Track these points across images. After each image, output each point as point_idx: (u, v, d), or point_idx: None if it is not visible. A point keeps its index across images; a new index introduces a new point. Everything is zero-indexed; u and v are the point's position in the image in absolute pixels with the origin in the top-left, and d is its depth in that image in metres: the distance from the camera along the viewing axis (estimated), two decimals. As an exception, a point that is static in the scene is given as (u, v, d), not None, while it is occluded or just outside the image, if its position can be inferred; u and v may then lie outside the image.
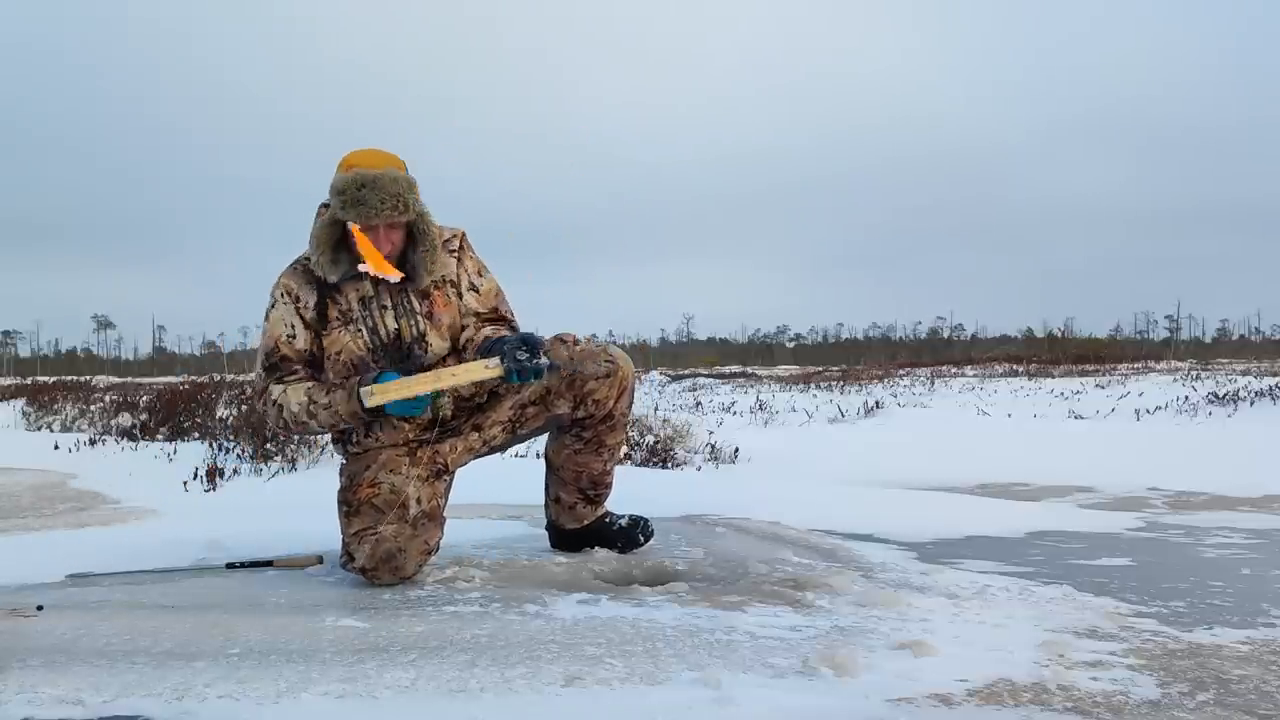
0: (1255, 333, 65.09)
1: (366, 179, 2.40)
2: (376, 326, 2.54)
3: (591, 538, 2.84)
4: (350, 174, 2.42)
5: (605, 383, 2.66)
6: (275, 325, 2.56)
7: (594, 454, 2.75)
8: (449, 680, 1.70)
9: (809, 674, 1.75)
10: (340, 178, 2.43)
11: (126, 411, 8.68)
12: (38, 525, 3.67)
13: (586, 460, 2.76)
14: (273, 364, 2.56)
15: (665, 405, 13.32)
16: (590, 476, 2.79)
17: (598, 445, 2.74)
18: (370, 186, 2.39)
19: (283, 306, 2.56)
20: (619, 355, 2.71)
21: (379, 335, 2.53)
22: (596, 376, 2.65)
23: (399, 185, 2.42)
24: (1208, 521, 3.94)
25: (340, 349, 2.54)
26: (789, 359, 60.79)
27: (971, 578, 2.60)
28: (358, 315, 2.54)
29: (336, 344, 2.54)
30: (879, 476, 5.83)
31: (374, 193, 2.39)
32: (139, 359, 70.29)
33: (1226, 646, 1.95)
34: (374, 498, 2.45)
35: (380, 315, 2.54)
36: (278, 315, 2.56)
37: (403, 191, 2.42)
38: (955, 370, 20.95)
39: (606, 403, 2.67)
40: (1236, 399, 10.11)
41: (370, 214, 2.41)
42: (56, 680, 1.68)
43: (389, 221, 2.44)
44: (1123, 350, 31.39)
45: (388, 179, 2.41)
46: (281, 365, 2.55)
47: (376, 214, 2.41)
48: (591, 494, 2.82)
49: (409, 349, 2.55)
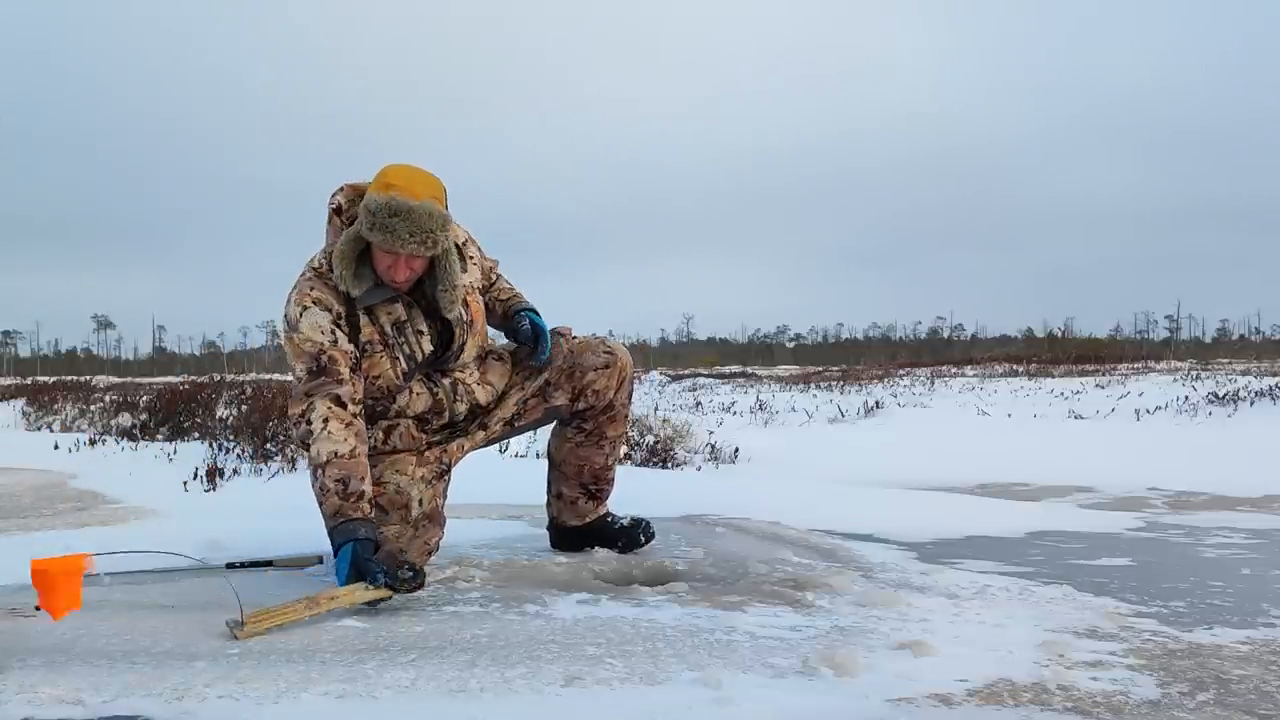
0: (1255, 333, 65.08)
1: (401, 209, 2.28)
2: (413, 352, 2.51)
3: (592, 536, 2.84)
4: (386, 197, 2.30)
5: (604, 373, 2.70)
6: (313, 331, 2.39)
7: (595, 447, 2.77)
8: (449, 680, 1.70)
9: (809, 674, 1.75)
10: (374, 199, 2.31)
11: (126, 411, 8.67)
12: (38, 525, 3.67)
13: (588, 453, 2.78)
14: (321, 366, 2.37)
15: (665, 405, 13.31)
16: (592, 471, 2.80)
17: (599, 438, 2.76)
18: (403, 217, 2.29)
19: (318, 313, 2.40)
20: (617, 346, 2.76)
21: (414, 360, 2.52)
22: (595, 368, 2.69)
23: (433, 221, 2.32)
24: (1208, 521, 3.94)
25: (379, 374, 2.48)
26: (789, 359, 60.79)
27: (971, 578, 2.60)
28: (393, 340, 2.48)
29: (375, 368, 2.48)
30: (879, 476, 5.82)
31: (406, 224, 2.29)
32: (139, 359, 70.31)
33: (1226, 646, 1.95)
34: (379, 497, 2.45)
35: (416, 340, 2.50)
36: (312, 322, 2.40)
37: (435, 229, 2.33)
38: (955, 370, 20.93)
39: (606, 393, 2.71)
40: (1236, 399, 10.10)
41: (397, 244, 2.31)
42: (56, 680, 1.68)
43: (418, 255, 2.36)
44: (1123, 350, 31.37)
45: (423, 213, 2.30)
46: (330, 367, 2.37)
47: (403, 245, 2.31)
48: (593, 489, 2.83)
49: (448, 358, 2.57)
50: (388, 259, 2.37)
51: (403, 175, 2.36)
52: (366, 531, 2.25)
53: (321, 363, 2.37)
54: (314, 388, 2.36)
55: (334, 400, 2.35)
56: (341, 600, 2.12)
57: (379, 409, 2.55)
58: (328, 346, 2.38)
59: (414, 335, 2.51)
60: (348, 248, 2.38)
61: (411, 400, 2.55)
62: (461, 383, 2.61)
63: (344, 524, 2.25)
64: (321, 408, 2.33)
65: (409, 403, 2.55)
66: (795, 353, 70.69)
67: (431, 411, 2.59)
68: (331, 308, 2.42)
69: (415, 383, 2.55)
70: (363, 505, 2.28)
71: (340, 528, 2.25)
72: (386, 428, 2.56)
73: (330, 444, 2.30)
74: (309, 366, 2.37)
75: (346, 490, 2.27)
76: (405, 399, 2.55)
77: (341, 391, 2.36)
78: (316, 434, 2.31)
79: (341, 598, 2.12)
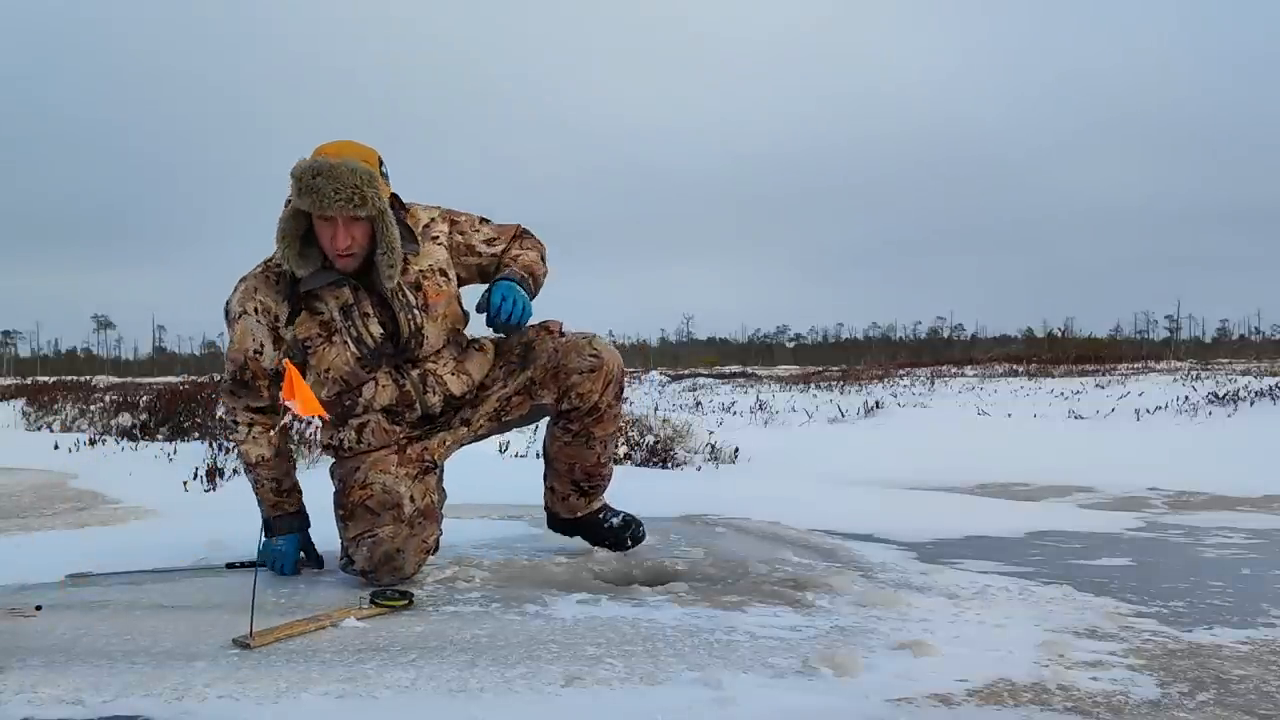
0: (1255, 333, 64.97)
1: (323, 168, 2.27)
2: (361, 336, 2.45)
3: (583, 530, 2.83)
4: (309, 161, 2.30)
5: (589, 377, 2.62)
6: (243, 338, 2.47)
7: (584, 446, 2.72)
8: (449, 680, 1.70)
9: (809, 674, 1.75)
10: (299, 165, 2.31)
11: (126, 411, 8.67)
12: (38, 525, 3.67)
13: (578, 452, 2.74)
14: (242, 381, 2.50)
15: (665, 405, 13.31)
16: (583, 469, 2.76)
17: (587, 438, 2.71)
18: (326, 175, 2.26)
19: (251, 320, 2.46)
20: (604, 349, 2.66)
21: (365, 344, 2.46)
22: (580, 370, 2.62)
23: (357, 177, 2.27)
24: (1208, 521, 3.94)
25: (329, 365, 2.46)
26: (789, 359, 60.73)
27: (971, 578, 2.60)
28: (340, 325, 2.44)
29: (324, 360, 2.46)
30: (879, 476, 5.82)
31: (329, 181, 2.26)
32: (139, 359, 70.25)
33: (1226, 646, 1.95)
34: (367, 500, 2.42)
35: (364, 324, 2.45)
36: (245, 328, 2.47)
37: (361, 184, 2.28)
38: (955, 370, 20.92)
39: (590, 396, 2.64)
40: (1236, 399, 10.10)
41: (324, 203, 2.27)
42: (56, 680, 1.68)
43: (346, 214, 2.30)
44: (1123, 350, 31.34)
45: (345, 169, 2.27)
46: (251, 385, 2.50)
47: (330, 204, 2.27)
48: (585, 486, 2.80)
49: (406, 344, 2.50)
50: (327, 229, 2.34)
51: (332, 145, 2.37)
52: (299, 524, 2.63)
53: (244, 377, 2.52)
54: (236, 400, 2.56)
55: (256, 411, 2.57)
56: (337, 617, 2.09)
57: (347, 403, 2.51)
58: (252, 362, 2.50)
59: (360, 318, 2.45)
60: (288, 225, 2.37)
61: (377, 393, 2.51)
62: (432, 374, 2.55)
63: (279, 517, 2.60)
64: (245, 415, 2.57)
65: (375, 395, 2.51)
66: (795, 353, 70.64)
67: (401, 404, 2.53)
68: (271, 309, 2.46)
69: (381, 374, 2.50)
70: (295, 497, 2.63)
71: (277, 520, 2.60)
72: (358, 426, 2.52)
73: (257, 448, 2.56)
74: (234, 375, 2.53)
75: (280, 487, 2.59)
76: (371, 391, 2.51)
77: (261, 405, 2.56)
78: (243, 437, 2.57)
79: (337, 616, 2.09)
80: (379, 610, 2.15)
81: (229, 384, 2.55)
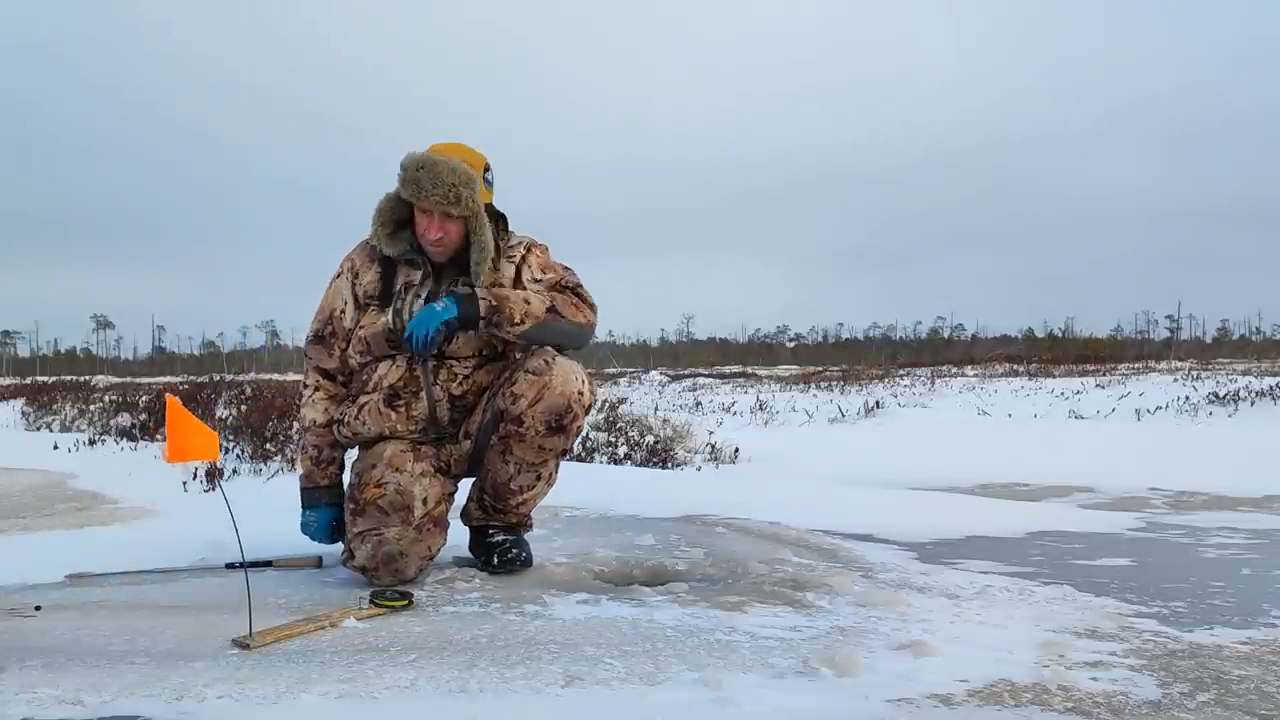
0: (1255, 333, 64.99)
1: (427, 162, 2.44)
2: (402, 309, 2.54)
3: (472, 537, 2.70)
4: (418, 155, 2.47)
5: (529, 380, 2.46)
6: (333, 297, 2.65)
7: (500, 458, 2.54)
8: (449, 680, 1.70)
9: (809, 674, 1.75)
10: (408, 156, 2.47)
11: (126, 411, 8.67)
12: (37, 525, 3.67)
13: (493, 460, 2.55)
14: (322, 336, 2.65)
15: (665, 405, 13.32)
16: (493, 482, 2.57)
17: (504, 449, 2.53)
18: (428, 169, 2.43)
19: (342, 281, 2.64)
20: (561, 365, 2.48)
21: (401, 318, 2.54)
22: (527, 370, 2.48)
23: (456, 176, 2.43)
24: (1208, 522, 3.94)
25: (366, 326, 2.57)
26: (789, 359, 60.74)
27: (971, 578, 2.60)
28: (398, 297, 2.56)
29: (367, 320, 2.57)
30: (879, 476, 5.83)
31: (429, 176, 2.42)
32: (139, 359, 70.26)
33: (1226, 646, 1.95)
34: (379, 499, 2.42)
35: (412, 304, 2.54)
36: (336, 288, 2.65)
37: (458, 183, 2.43)
38: (955, 370, 20.94)
39: (520, 400, 2.46)
40: (1237, 399, 10.11)
41: (421, 196, 2.43)
42: (56, 680, 1.68)
43: (441, 209, 2.45)
44: (1123, 350, 31.38)
45: (446, 167, 2.43)
46: (327, 341, 2.64)
47: (426, 197, 2.43)
48: (488, 503, 2.61)
49: None
50: (424, 219, 2.50)
51: (444, 145, 2.55)
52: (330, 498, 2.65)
53: (324, 333, 2.65)
54: (311, 353, 2.68)
55: (323, 374, 2.67)
56: (336, 618, 2.08)
57: (364, 376, 2.59)
58: (336, 319, 2.63)
59: (412, 299, 2.54)
60: (386, 206, 2.55)
61: (389, 371, 2.55)
62: (448, 369, 2.55)
63: (310, 489, 2.65)
64: (312, 377, 2.68)
65: (386, 374, 2.55)
66: (795, 353, 70.62)
67: (406, 389, 2.53)
68: (360, 274, 2.61)
69: (401, 357, 2.53)
70: (331, 470, 2.67)
71: (307, 492, 2.66)
72: (359, 405, 2.57)
73: (312, 411, 2.65)
74: (316, 331, 2.67)
75: (320, 457, 2.65)
76: (385, 369, 2.55)
77: (330, 366, 2.66)
78: (306, 399, 2.68)
79: (337, 617, 2.08)
80: (379, 611, 2.15)
81: (310, 338, 2.68)
